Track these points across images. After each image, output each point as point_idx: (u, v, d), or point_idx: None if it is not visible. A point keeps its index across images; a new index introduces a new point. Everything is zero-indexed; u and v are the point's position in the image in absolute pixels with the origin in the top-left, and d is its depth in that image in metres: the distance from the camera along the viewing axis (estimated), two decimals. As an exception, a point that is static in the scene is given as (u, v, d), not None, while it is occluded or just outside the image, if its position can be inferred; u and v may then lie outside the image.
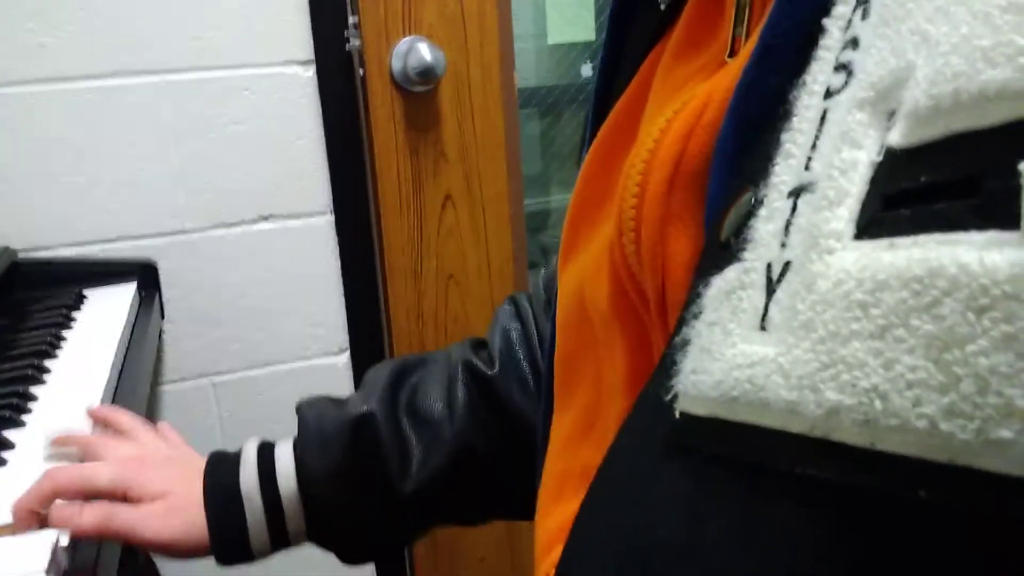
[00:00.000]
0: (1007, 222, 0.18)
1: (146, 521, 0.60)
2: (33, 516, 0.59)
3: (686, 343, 0.27)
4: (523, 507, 0.66)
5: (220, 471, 0.64)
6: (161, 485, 0.62)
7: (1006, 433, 0.17)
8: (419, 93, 1.28)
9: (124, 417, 0.72)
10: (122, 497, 0.62)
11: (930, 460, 0.18)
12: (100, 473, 0.62)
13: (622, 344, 0.39)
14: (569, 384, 0.47)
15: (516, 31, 1.43)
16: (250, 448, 0.66)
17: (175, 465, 0.65)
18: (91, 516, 0.58)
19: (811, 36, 0.26)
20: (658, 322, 0.35)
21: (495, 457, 0.65)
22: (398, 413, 0.65)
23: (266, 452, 0.66)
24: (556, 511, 0.44)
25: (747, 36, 0.36)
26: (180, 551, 0.61)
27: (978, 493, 0.18)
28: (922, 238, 0.19)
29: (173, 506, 0.61)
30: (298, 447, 0.65)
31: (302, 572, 1.31)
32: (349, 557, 0.68)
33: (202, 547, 0.62)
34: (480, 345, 0.70)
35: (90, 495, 0.61)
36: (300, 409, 0.68)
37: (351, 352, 1.39)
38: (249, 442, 0.67)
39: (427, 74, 1.23)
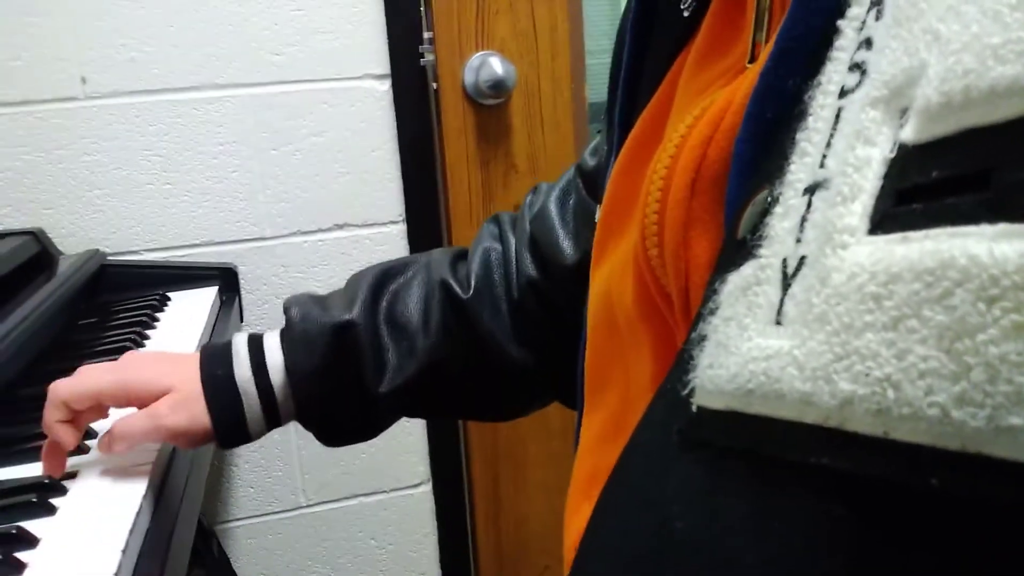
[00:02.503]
0: (1016, 215, 0.18)
1: (161, 420, 0.64)
2: (55, 448, 0.65)
3: (703, 338, 0.27)
4: (484, 414, 0.76)
5: (214, 364, 0.68)
6: (160, 380, 0.66)
7: (1016, 420, 0.17)
8: (491, 106, 1.31)
9: None
10: (123, 395, 0.66)
11: (942, 448, 0.19)
12: (102, 377, 0.66)
13: (648, 346, 0.39)
14: (599, 386, 0.48)
15: (590, 46, 1.44)
16: (240, 342, 0.70)
17: (166, 360, 0.70)
18: (121, 444, 0.64)
19: (826, 38, 0.26)
20: (682, 324, 0.35)
21: (463, 370, 0.70)
22: (377, 319, 0.70)
23: (255, 345, 0.70)
24: (584, 509, 0.44)
25: (767, 41, 0.36)
26: (188, 440, 0.67)
27: (989, 480, 0.18)
28: (934, 231, 0.19)
29: (177, 401, 0.65)
30: (285, 344, 0.70)
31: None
32: (329, 441, 0.73)
33: (206, 434, 0.67)
34: (461, 257, 0.74)
35: (95, 400, 0.65)
36: (286, 307, 0.72)
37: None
38: (238, 336, 0.72)
39: (499, 87, 1.26)
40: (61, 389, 0.65)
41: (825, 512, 0.21)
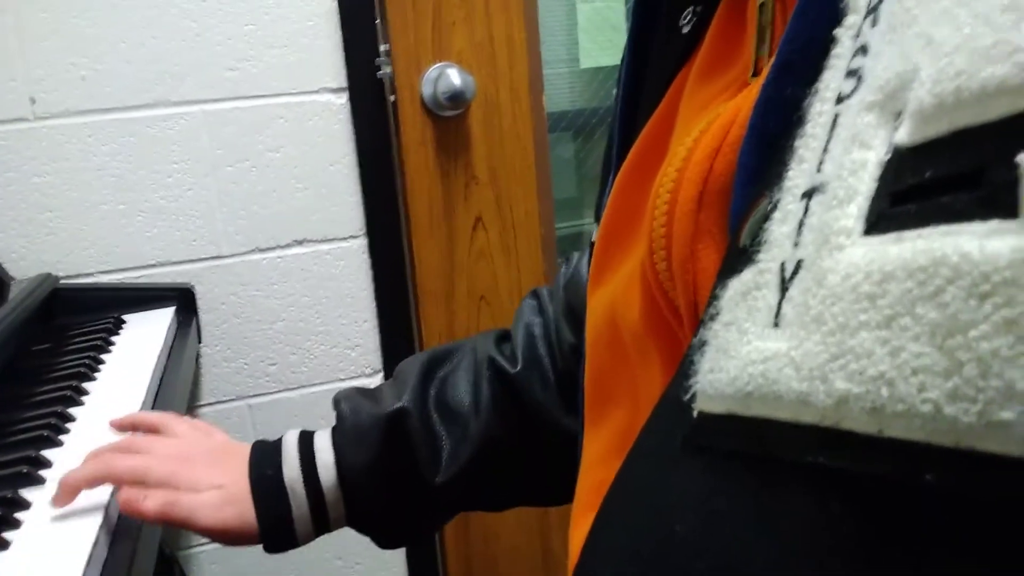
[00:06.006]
0: (1008, 211, 0.18)
1: (203, 510, 0.63)
2: (76, 494, 0.64)
3: (703, 344, 0.27)
4: (544, 495, 0.73)
5: (264, 463, 0.67)
6: (209, 479, 0.65)
7: (1007, 415, 0.17)
8: (449, 117, 1.30)
9: (151, 415, 0.75)
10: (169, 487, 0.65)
11: (936, 444, 0.19)
12: (153, 468, 0.65)
13: (658, 361, 0.40)
14: (601, 402, 0.48)
15: (549, 56, 1.44)
16: (290, 440, 0.69)
17: (219, 460, 0.68)
18: (155, 501, 0.62)
19: (826, 49, 0.27)
20: (691, 335, 0.36)
21: (518, 449, 0.69)
22: (428, 408, 0.69)
23: (305, 444, 0.69)
24: (585, 521, 0.45)
25: (770, 55, 0.36)
26: (232, 539, 0.65)
27: (982, 475, 0.18)
28: (927, 230, 0.20)
29: (226, 498, 0.65)
30: (336, 440, 0.68)
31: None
32: (385, 542, 0.72)
33: (252, 535, 0.65)
34: (504, 338, 0.74)
35: (141, 481, 0.64)
36: (337, 402, 0.71)
37: (384, 373, 1.41)
38: (289, 433, 0.70)
39: (457, 99, 1.25)
40: (116, 467, 0.65)
41: (825, 511, 0.22)
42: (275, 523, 0.66)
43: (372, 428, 0.68)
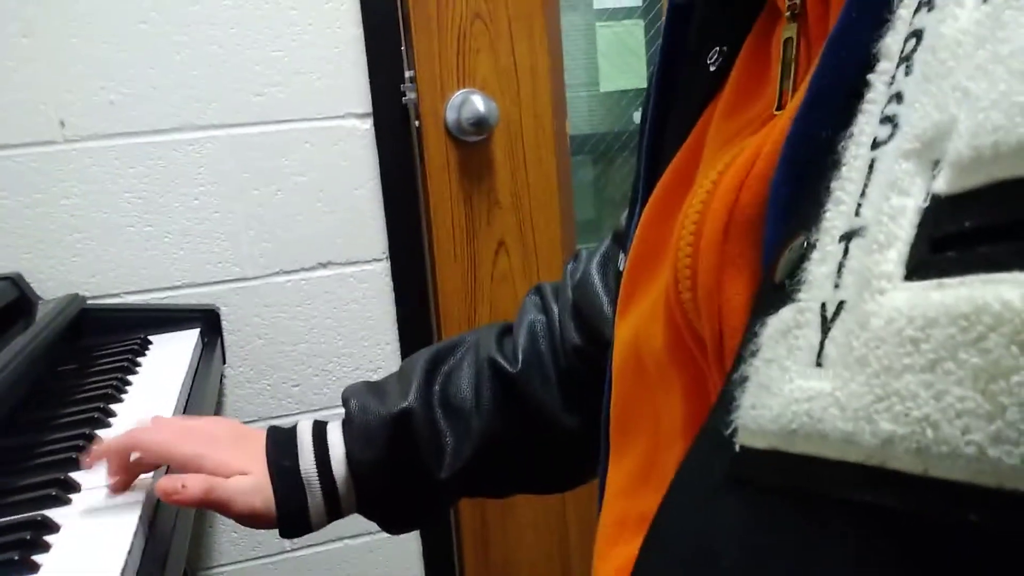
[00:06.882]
0: None
1: (239, 497, 0.67)
2: (101, 460, 0.69)
3: (744, 380, 0.28)
4: (544, 484, 0.78)
5: (281, 454, 0.71)
6: (237, 463, 0.69)
7: None
8: (473, 143, 1.31)
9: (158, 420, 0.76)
10: (195, 469, 0.67)
11: (980, 485, 0.19)
12: (180, 445, 0.68)
13: (680, 390, 0.40)
14: (625, 432, 0.48)
15: (569, 80, 1.45)
16: (305, 432, 0.73)
17: (239, 443, 0.72)
18: (195, 489, 0.65)
19: (856, 88, 0.28)
20: (715, 366, 0.36)
21: (519, 445, 0.73)
22: (432, 405, 0.72)
23: (319, 437, 0.73)
24: (613, 554, 0.45)
25: (794, 89, 0.37)
26: (256, 523, 0.69)
27: None
28: (968, 278, 0.20)
29: (254, 486, 0.68)
30: (346, 436, 0.72)
31: None
32: (392, 528, 0.76)
33: (272, 521, 0.69)
34: (507, 332, 0.77)
35: (164, 463, 0.69)
36: (346, 400, 0.74)
37: (406, 397, 1.40)
38: (302, 423, 0.74)
39: (480, 124, 1.26)
40: (143, 441, 0.68)
41: (868, 548, 0.22)
42: (293, 512, 0.70)
43: (379, 427, 0.71)
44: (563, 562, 1.47)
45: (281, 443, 0.72)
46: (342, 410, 0.74)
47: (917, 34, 0.25)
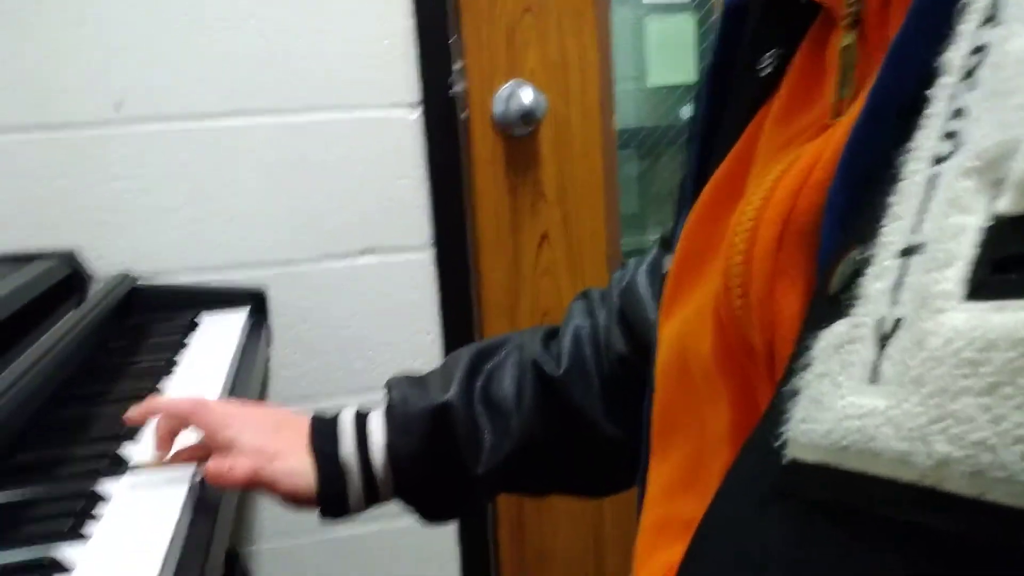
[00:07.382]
0: None
1: (285, 478, 0.70)
2: (143, 420, 0.73)
3: (795, 393, 0.28)
4: (582, 488, 0.78)
5: (324, 441, 0.73)
6: (277, 448, 0.71)
7: None
8: (520, 135, 1.31)
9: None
10: (227, 451, 0.70)
11: None
12: (227, 427, 0.70)
13: (727, 396, 0.40)
14: (668, 434, 0.48)
15: (616, 74, 1.45)
16: (346, 420, 0.74)
17: (284, 430, 0.73)
18: (242, 470, 0.67)
19: (915, 101, 0.27)
20: (765, 374, 0.36)
21: (557, 448, 0.73)
22: (473, 401, 0.73)
23: (360, 425, 0.74)
24: (654, 559, 0.45)
25: (853, 98, 0.37)
26: (299, 505, 0.72)
27: None
28: None
29: (297, 469, 0.71)
30: (387, 425, 0.73)
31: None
32: (429, 517, 0.77)
33: (313, 502, 0.72)
34: (552, 335, 0.76)
35: (201, 431, 0.71)
36: (388, 388, 0.76)
37: (445, 385, 1.41)
38: (345, 412, 0.76)
39: (528, 117, 1.27)
40: (194, 416, 0.71)
41: (914, 567, 0.22)
42: (332, 495, 0.71)
43: (419, 419, 0.72)
44: (597, 553, 1.48)
45: (323, 430, 0.73)
46: (379, 396, 0.75)
47: (980, 49, 0.25)
